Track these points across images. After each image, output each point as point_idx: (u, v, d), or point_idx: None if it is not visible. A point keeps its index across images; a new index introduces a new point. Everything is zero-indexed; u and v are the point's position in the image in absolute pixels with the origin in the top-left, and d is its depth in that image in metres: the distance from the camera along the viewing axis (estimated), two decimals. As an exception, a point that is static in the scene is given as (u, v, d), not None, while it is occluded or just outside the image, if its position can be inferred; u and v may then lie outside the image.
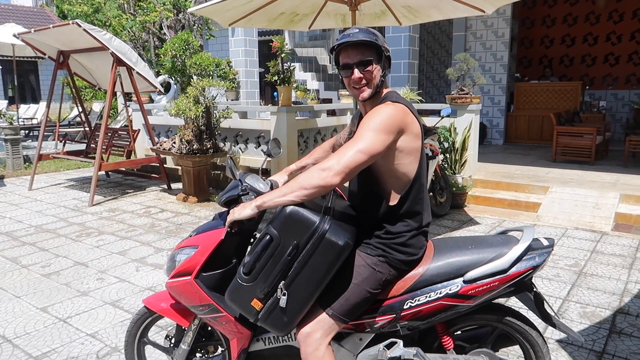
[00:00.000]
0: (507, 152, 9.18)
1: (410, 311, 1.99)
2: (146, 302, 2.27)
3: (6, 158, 9.08)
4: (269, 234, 1.84)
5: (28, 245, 4.91)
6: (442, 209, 5.87)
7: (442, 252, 2.06)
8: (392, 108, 1.86)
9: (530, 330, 2.08)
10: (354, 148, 1.77)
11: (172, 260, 2.14)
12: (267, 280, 1.85)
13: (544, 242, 2.06)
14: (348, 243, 1.81)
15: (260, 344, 2.15)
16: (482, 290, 1.96)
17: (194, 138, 6.48)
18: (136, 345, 2.36)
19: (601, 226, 5.30)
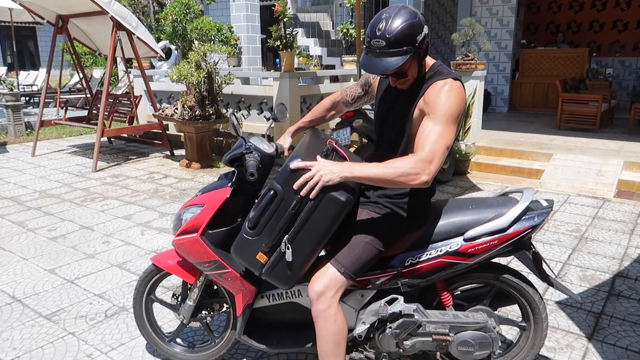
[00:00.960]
0: (511, 120, 9.11)
1: (411, 268, 2.03)
2: (154, 259, 2.32)
3: (8, 125, 9.05)
4: (273, 189, 1.87)
5: (33, 209, 4.95)
6: (445, 176, 5.87)
7: (444, 212, 2.10)
8: (460, 91, 1.83)
9: (527, 288, 2.12)
10: (444, 146, 1.75)
11: (179, 219, 2.17)
12: (272, 234, 1.89)
13: (543, 203, 2.10)
14: (350, 199, 1.84)
15: (265, 300, 2.20)
16: (482, 248, 2.00)
17: (196, 104, 6.44)
18: (144, 302, 2.41)
19: (603, 193, 5.31)
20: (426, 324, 2.03)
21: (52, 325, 2.84)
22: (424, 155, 1.73)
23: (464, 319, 2.06)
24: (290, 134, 2.37)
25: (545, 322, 2.15)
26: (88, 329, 2.79)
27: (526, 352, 2.21)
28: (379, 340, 2.09)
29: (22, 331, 2.78)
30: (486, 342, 2.03)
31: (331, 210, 1.84)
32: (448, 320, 2.05)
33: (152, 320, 2.47)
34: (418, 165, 1.72)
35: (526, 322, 2.19)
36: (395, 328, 2.02)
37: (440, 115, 1.78)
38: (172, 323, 2.80)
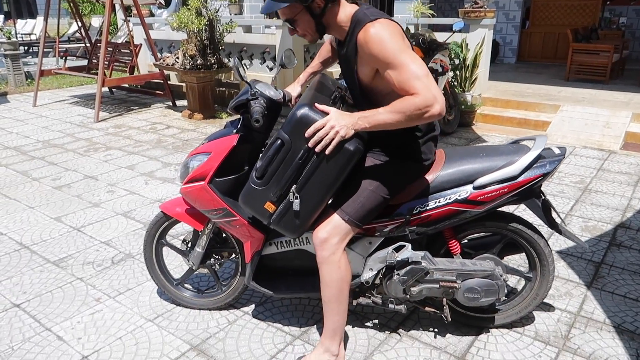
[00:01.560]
0: (519, 71, 8.91)
1: (420, 216, 2.03)
2: (162, 207, 2.33)
3: (7, 74, 8.93)
4: (280, 138, 1.84)
5: (37, 159, 4.96)
6: (450, 127, 5.81)
7: (453, 160, 2.08)
8: (383, 29, 1.73)
9: (539, 240, 2.12)
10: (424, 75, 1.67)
11: (186, 167, 2.17)
12: (279, 183, 1.88)
13: (555, 150, 2.07)
14: (358, 148, 1.81)
15: (273, 247, 2.22)
16: (491, 196, 1.99)
17: (197, 53, 6.30)
18: (154, 246, 2.45)
19: (610, 145, 5.26)
20: (433, 271, 2.05)
21: (60, 270, 2.90)
22: (421, 89, 1.65)
23: (471, 267, 2.08)
24: (300, 83, 2.32)
25: (552, 275, 2.16)
26: (95, 275, 2.85)
27: (529, 302, 2.24)
28: (386, 286, 2.12)
29: (32, 276, 2.84)
30: (492, 290, 2.06)
31: (340, 160, 1.82)
32: (455, 268, 2.08)
33: (161, 264, 2.51)
34: (424, 98, 1.64)
35: (532, 272, 2.21)
36: (402, 275, 2.05)
37: (392, 61, 1.70)
38: (178, 269, 2.84)
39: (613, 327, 2.36)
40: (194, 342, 2.27)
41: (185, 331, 2.35)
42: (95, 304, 2.57)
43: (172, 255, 2.91)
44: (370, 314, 2.45)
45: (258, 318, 2.44)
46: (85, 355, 2.19)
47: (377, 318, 2.42)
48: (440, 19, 7.15)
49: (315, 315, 2.45)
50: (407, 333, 2.32)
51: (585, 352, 2.19)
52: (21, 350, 2.23)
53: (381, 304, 2.18)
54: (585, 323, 2.39)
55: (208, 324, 2.40)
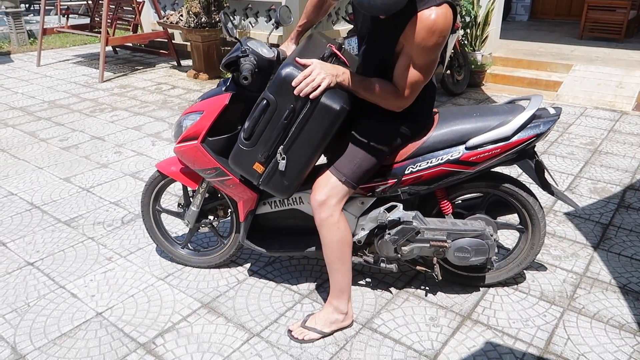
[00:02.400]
0: (531, 29, 8.67)
1: (411, 176, 2.03)
2: (158, 166, 2.35)
3: (10, 33, 8.80)
4: (266, 99, 1.84)
5: (44, 120, 4.95)
6: (459, 88, 5.71)
7: (446, 120, 2.06)
8: (445, 23, 1.68)
9: (527, 197, 2.13)
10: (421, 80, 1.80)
11: (179, 126, 2.16)
12: (267, 144, 1.89)
13: (550, 110, 2.05)
14: (343, 107, 1.80)
15: (267, 207, 2.24)
16: (484, 157, 1.98)
17: (201, 10, 6.15)
18: (151, 212, 2.47)
19: (622, 106, 5.17)
20: (424, 231, 2.07)
21: (71, 230, 2.94)
22: (406, 95, 1.81)
23: (461, 227, 2.10)
24: (294, 40, 2.26)
25: (543, 222, 2.16)
26: (106, 234, 2.89)
27: (526, 253, 2.26)
28: (377, 245, 2.14)
29: (44, 235, 2.88)
30: (482, 249, 2.08)
31: (325, 120, 1.81)
32: (446, 228, 2.09)
33: (161, 227, 2.55)
34: (401, 100, 1.83)
35: (524, 225, 2.22)
36: (394, 234, 2.07)
37: (420, 55, 1.74)
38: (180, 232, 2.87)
39: (618, 287, 2.38)
40: (205, 300, 2.32)
41: (196, 290, 2.39)
42: (107, 263, 2.62)
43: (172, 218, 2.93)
44: (377, 274, 2.49)
45: (267, 277, 2.48)
46: (98, 312, 2.25)
47: (383, 277, 2.46)
48: (451, -26, 6.89)
49: (323, 275, 2.48)
50: (413, 292, 2.36)
51: (590, 312, 2.22)
52: (37, 306, 2.29)
53: (373, 263, 2.20)
54: (590, 284, 2.41)
55: (218, 282, 2.44)
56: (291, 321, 2.18)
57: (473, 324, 2.16)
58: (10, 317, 2.22)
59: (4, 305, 2.30)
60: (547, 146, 4.14)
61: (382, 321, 2.17)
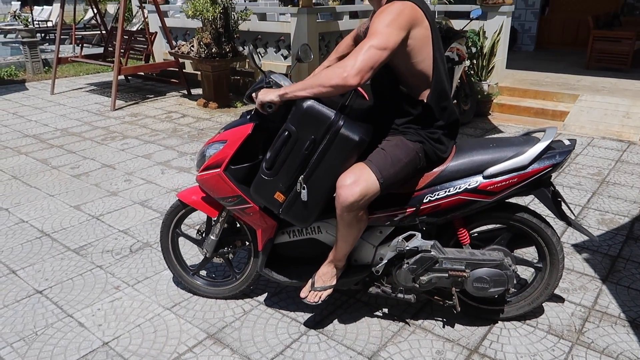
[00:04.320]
0: (537, 59, 8.76)
1: (430, 205, 2.05)
2: (179, 195, 2.40)
3: (25, 62, 9.04)
4: (287, 130, 1.91)
5: (56, 147, 5.04)
6: (466, 117, 5.75)
7: (464, 150, 2.10)
8: (401, 4, 1.85)
9: (546, 229, 2.13)
10: (368, 44, 1.78)
11: (202, 155, 2.21)
12: (288, 174, 1.94)
13: (565, 142, 2.09)
14: (363, 139, 1.87)
15: (285, 236, 2.26)
16: (501, 186, 2.01)
17: (212, 41, 6.31)
18: (170, 235, 2.51)
19: (629, 136, 5.17)
20: (443, 260, 2.08)
21: (80, 258, 2.97)
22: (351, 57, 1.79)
23: (480, 256, 2.10)
24: None
25: (562, 264, 2.17)
26: (114, 263, 2.91)
27: (540, 292, 2.25)
28: (396, 275, 2.15)
29: (53, 263, 2.91)
30: (501, 280, 2.08)
31: (344, 150, 1.88)
32: (464, 257, 2.09)
33: (177, 253, 2.57)
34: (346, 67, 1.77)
35: (542, 262, 2.22)
36: (412, 263, 2.08)
37: (372, 26, 1.83)
38: (194, 259, 2.89)
39: (628, 321, 2.35)
40: (211, 330, 2.32)
41: (202, 320, 2.40)
42: (115, 292, 2.63)
43: (188, 245, 2.95)
44: (384, 305, 2.48)
45: (273, 308, 2.48)
46: (105, 342, 2.25)
47: (390, 309, 2.45)
48: (457, 6, 7.03)
49: (329, 307, 2.48)
50: (420, 325, 2.34)
51: (599, 347, 2.19)
52: (44, 335, 2.30)
53: (391, 293, 2.21)
54: (599, 317, 2.39)
55: (224, 313, 2.45)
56: (297, 353, 2.17)
57: (480, 358, 2.13)
58: (18, 345, 2.23)
59: (12, 333, 2.32)
60: (554, 176, 4.13)
61: (388, 354, 2.16)
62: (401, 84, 1.99)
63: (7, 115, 6.31)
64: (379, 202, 2.02)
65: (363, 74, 1.77)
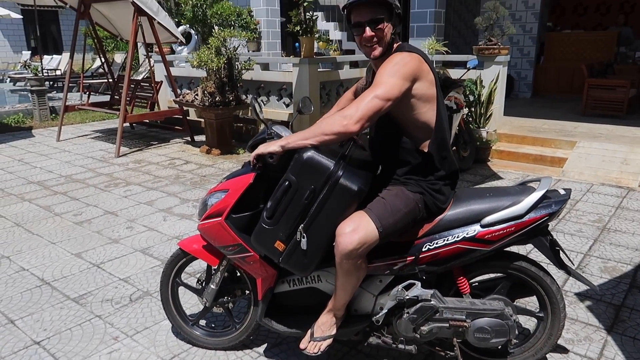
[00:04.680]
0: (534, 106, 8.94)
1: (429, 254, 2.06)
2: (181, 244, 2.41)
3: (33, 109, 9.24)
4: (288, 180, 1.95)
5: (59, 194, 5.08)
6: (465, 164, 5.82)
7: (461, 200, 2.14)
8: (407, 55, 1.92)
9: (545, 277, 2.13)
10: (371, 94, 1.85)
11: (204, 204, 2.24)
12: (288, 223, 1.97)
13: (561, 191, 2.12)
14: (361, 189, 1.91)
15: (285, 285, 2.26)
16: (499, 235, 2.03)
17: (216, 90, 6.47)
18: (170, 284, 2.50)
19: (628, 182, 5.21)
20: (443, 310, 2.07)
21: (79, 308, 2.94)
22: (353, 105, 1.86)
23: (481, 306, 2.09)
24: None
25: (563, 313, 2.15)
26: (114, 313, 2.89)
27: (543, 343, 2.22)
28: (396, 325, 2.13)
29: (52, 313, 2.88)
30: (503, 330, 2.06)
31: (344, 200, 1.92)
32: (465, 307, 2.08)
33: (177, 303, 2.56)
34: (346, 117, 1.84)
35: (543, 312, 2.20)
36: (412, 313, 2.07)
37: (378, 76, 1.89)
38: (194, 309, 2.87)
39: (635, 375, 2.31)
40: (210, 384, 2.27)
41: (201, 373, 2.35)
42: (113, 343, 2.60)
43: (187, 295, 2.93)
44: (385, 357, 2.44)
45: (273, 359, 2.44)
46: (102, 396, 2.21)
47: (392, 362, 2.40)
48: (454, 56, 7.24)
49: (330, 358, 2.44)
50: (423, 378, 2.29)
51: (607, 402, 2.14)
52: (40, 389, 2.25)
53: (392, 343, 2.18)
54: (606, 370, 2.34)
55: (223, 365, 2.40)
56: (297, 408, 2.12)
57: (485, 413, 2.08)
58: (12, 400, 2.19)
59: (6, 387, 2.27)
60: (555, 223, 4.15)
61: (391, 409, 2.10)
62: (404, 134, 2.04)
63: (13, 162, 6.40)
64: (378, 250, 2.03)
65: (364, 122, 1.84)
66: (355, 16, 1.98)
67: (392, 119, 2.01)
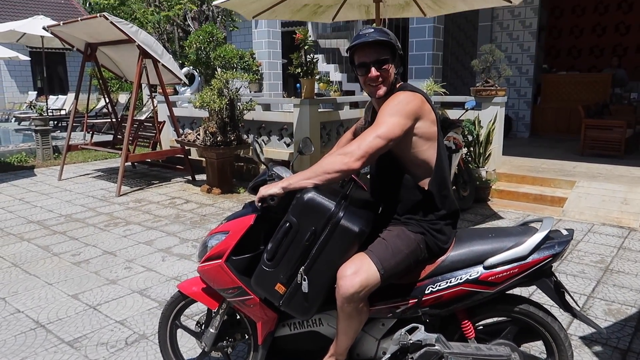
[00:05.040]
0: (532, 145, 9.02)
1: (432, 296, 2.03)
2: (180, 286, 2.38)
3: (36, 148, 9.33)
4: (288, 221, 1.94)
5: (59, 234, 5.07)
6: (465, 203, 5.82)
7: (463, 241, 2.12)
8: (409, 95, 1.96)
9: (553, 323, 2.09)
10: (373, 134, 1.87)
11: (204, 246, 2.23)
12: (288, 265, 1.95)
13: (563, 232, 2.11)
14: (363, 230, 1.90)
15: (286, 329, 2.22)
16: (502, 277, 2.00)
17: (217, 130, 6.56)
18: (169, 327, 2.46)
19: (629, 222, 5.20)
20: (448, 355, 2.02)
21: (74, 352, 2.88)
22: (355, 144, 1.88)
23: (486, 352, 2.04)
24: None
25: (570, 353, 2.10)
26: (109, 357, 2.82)
27: None
28: None
29: (45, 357, 2.82)
30: None
31: (345, 241, 1.90)
32: (470, 352, 2.03)
33: (175, 346, 2.51)
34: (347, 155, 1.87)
35: (550, 357, 2.14)
36: (416, 358, 2.02)
37: (380, 114, 1.93)
38: (191, 352, 2.81)
39: None
40: None
41: (196, 421, 2.28)
42: (107, 389, 2.53)
43: (185, 337, 2.88)
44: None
45: (271, 407, 2.37)
46: None
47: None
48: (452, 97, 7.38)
49: (330, 406, 2.36)
50: None
51: None
52: None
53: None
54: (615, 419, 2.26)
55: (220, 413, 2.33)
56: None
57: None
58: None
59: None
60: (557, 264, 4.10)
61: None
62: (404, 171, 2.05)
63: (14, 201, 6.41)
64: (380, 293, 2.01)
65: (365, 159, 1.86)
66: (360, 57, 2.03)
67: (393, 157, 2.03)
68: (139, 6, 13.37)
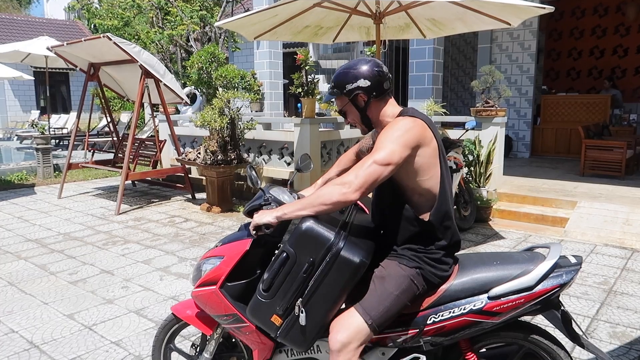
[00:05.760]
0: (533, 166, 9.02)
1: (434, 326, 1.97)
2: (174, 309, 2.33)
3: (37, 167, 9.34)
4: (285, 252, 1.86)
5: (56, 252, 5.03)
6: (466, 223, 5.79)
7: (467, 268, 2.04)
8: (410, 121, 1.89)
9: (558, 350, 2.02)
10: (371, 161, 1.81)
11: (198, 270, 2.17)
12: (285, 297, 1.87)
13: (571, 259, 2.01)
14: (363, 261, 1.82)
15: (283, 355, 2.16)
16: (508, 307, 1.93)
17: (218, 149, 6.56)
18: (163, 350, 2.40)
19: (632, 243, 5.15)
20: None
21: (67, 373, 2.83)
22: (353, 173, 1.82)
23: None
24: (317, 187, 2.36)
25: None
26: (103, 379, 2.77)
27: None
28: None
29: (38, 379, 2.77)
30: None
31: (344, 273, 1.82)
32: None
33: None
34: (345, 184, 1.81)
35: None
36: None
37: (378, 141, 1.88)
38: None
39: None
40: None
41: None
42: (100, 412, 2.47)
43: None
44: None
45: None
46: None
47: None
48: (452, 117, 7.41)
49: None
50: None
51: None
52: None
53: None
54: None
55: None
56: None
57: None
58: None
59: None
60: (559, 285, 4.06)
61: None
62: (405, 201, 1.96)
63: (12, 219, 6.38)
64: None
65: (363, 190, 1.79)
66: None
67: (395, 185, 1.94)
68: (143, 27, 13.55)
